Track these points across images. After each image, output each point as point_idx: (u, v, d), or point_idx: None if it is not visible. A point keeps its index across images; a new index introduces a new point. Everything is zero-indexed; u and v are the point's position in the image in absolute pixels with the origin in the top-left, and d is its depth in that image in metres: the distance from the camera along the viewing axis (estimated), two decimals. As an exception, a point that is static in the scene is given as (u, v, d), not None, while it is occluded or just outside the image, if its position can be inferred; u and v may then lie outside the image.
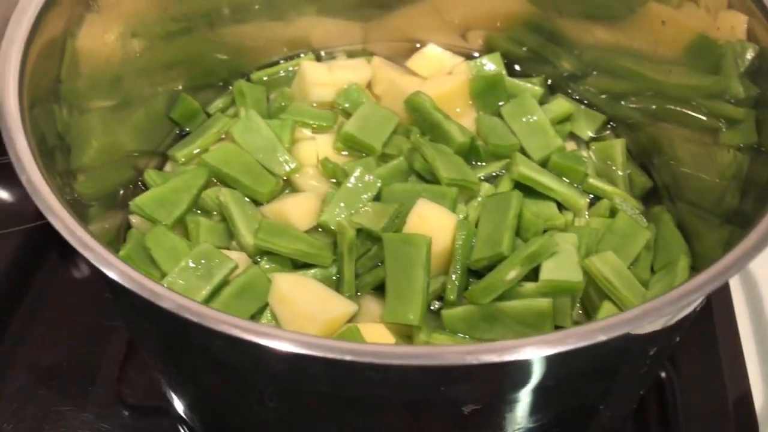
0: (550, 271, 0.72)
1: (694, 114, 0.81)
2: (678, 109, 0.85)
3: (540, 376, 0.47)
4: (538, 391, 0.50)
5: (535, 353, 0.42)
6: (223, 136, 0.93)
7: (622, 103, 0.95)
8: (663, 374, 0.92)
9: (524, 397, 0.51)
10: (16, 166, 0.53)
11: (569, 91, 1.00)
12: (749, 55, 0.73)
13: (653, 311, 0.45)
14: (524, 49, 1.02)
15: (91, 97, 0.75)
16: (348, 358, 0.40)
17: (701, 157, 0.81)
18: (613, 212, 0.84)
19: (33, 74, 0.61)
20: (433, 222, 0.78)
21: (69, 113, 0.69)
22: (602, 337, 0.43)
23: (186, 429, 0.84)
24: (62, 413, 0.85)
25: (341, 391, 0.52)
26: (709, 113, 0.79)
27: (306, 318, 0.73)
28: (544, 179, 0.84)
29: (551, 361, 0.44)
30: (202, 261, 0.75)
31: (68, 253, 1.00)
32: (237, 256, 0.79)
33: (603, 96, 0.97)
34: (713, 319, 0.93)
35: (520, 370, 0.46)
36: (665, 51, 0.84)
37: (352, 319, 0.77)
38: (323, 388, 0.51)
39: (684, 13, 0.78)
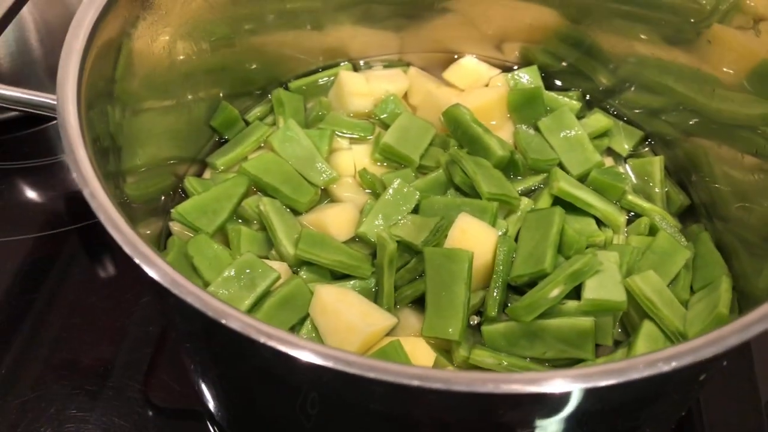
0: (593, 290, 0.73)
1: (753, 139, 0.80)
2: (729, 131, 0.84)
3: (599, 402, 0.47)
4: (593, 416, 0.50)
5: (602, 382, 0.42)
6: (262, 145, 0.94)
7: (661, 118, 0.95)
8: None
9: (577, 421, 0.51)
10: (77, 178, 0.53)
11: (606, 106, 1.00)
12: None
13: (720, 340, 0.46)
14: (564, 64, 1.02)
15: (143, 97, 0.76)
16: (415, 383, 0.41)
17: (754, 182, 0.79)
18: (652, 230, 0.84)
19: (90, 76, 0.62)
20: (475, 237, 0.78)
21: (121, 114, 0.70)
22: (666, 368, 0.43)
23: (216, 429, 0.85)
24: (83, 412, 0.85)
25: (394, 410, 0.52)
26: (756, 133, 0.78)
27: (348, 330, 0.73)
28: (584, 195, 0.84)
29: (613, 389, 0.44)
30: (246, 271, 0.75)
31: (97, 253, 1.02)
32: (278, 266, 0.79)
33: (639, 111, 0.97)
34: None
35: (580, 396, 0.46)
36: (709, 69, 0.84)
37: (390, 332, 0.78)
38: (377, 406, 0.52)
39: (743, 38, 0.77)
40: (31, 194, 1.10)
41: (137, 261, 0.48)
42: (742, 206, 0.81)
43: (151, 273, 0.47)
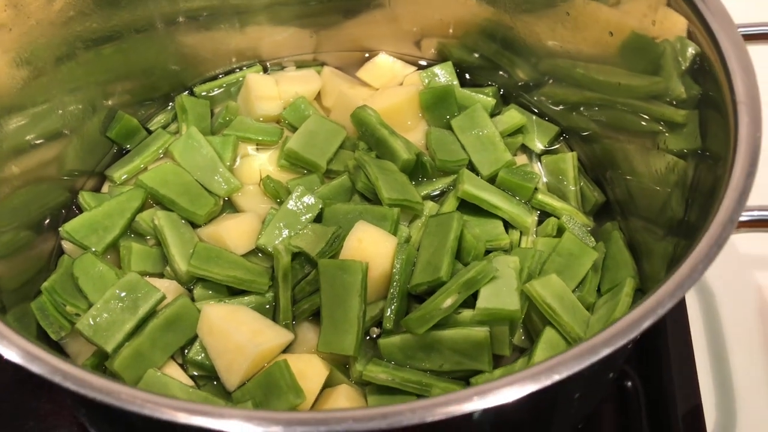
0: (486, 299, 0.70)
1: (637, 119, 0.78)
2: (626, 116, 0.82)
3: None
4: None
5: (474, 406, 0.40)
6: (162, 155, 0.90)
7: (576, 113, 0.92)
8: (629, 384, 0.90)
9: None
10: None
11: (523, 101, 0.97)
12: (690, 52, 0.70)
13: (579, 357, 0.44)
14: (476, 56, 0.98)
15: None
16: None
17: (647, 165, 0.78)
18: (560, 231, 0.82)
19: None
20: (372, 245, 0.75)
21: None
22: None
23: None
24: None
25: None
26: (649, 117, 0.76)
27: (237, 351, 0.70)
28: (490, 197, 0.81)
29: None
30: (128, 292, 0.72)
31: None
32: (167, 285, 0.76)
33: (557, 107, 0.94)
34: (666, 332, 0.90)
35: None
36: (611, 53, 0.81)
37: (288, 348, 0.75)
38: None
39: (624, 11, 0.75)
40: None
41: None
42: (647, 193, 0.79)
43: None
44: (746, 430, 0.85)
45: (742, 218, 0.52)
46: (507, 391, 0.46)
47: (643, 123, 0.80)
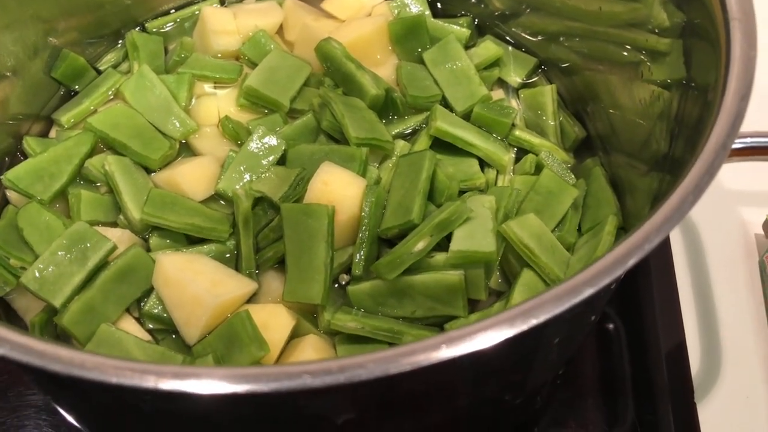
0: (460, 241, 0.66)
1: (619, 49, 0.73)
2: (608, 46, 0.77)
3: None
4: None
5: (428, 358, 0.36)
6: (111, 96, 0.84)
7: (556, 44, 0.86)
8: (611, 326, 0.88)
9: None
10: None
11: (499, 31, 0.91)
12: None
13: (547, 303, 0.40)
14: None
15: None
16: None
17: (630, 97, 0.73)
18: (538, 168, 0.77)
19: None
20: (339, 188, 0.70)
21: None
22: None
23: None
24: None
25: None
26: (631, 46, 0.71)
27: (194, 303, 0.65)
28: (465, 134, 0.77)
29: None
30: (76, 242, 0.67)
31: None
32: (119, 234, 0.71)
33: (536, 38, 0.89)
34: (650, 271, 0.87)
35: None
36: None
37: (252, 298, 0.71)
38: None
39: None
40: None
41: None
42: (629, 127, 0.74)
43: None
44: (730, 368, 0.84)
45: (735, 146, 0.48)
46: (479, 338, 0.42)
47: (625, 53, 0.75)
